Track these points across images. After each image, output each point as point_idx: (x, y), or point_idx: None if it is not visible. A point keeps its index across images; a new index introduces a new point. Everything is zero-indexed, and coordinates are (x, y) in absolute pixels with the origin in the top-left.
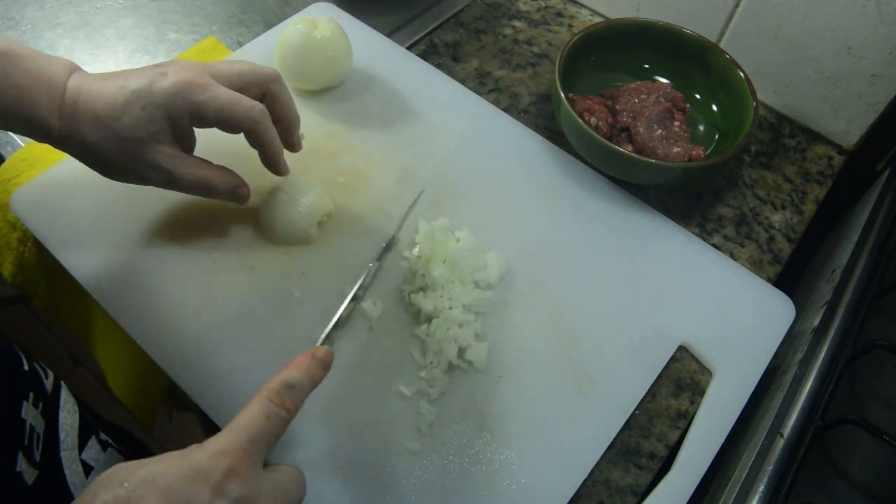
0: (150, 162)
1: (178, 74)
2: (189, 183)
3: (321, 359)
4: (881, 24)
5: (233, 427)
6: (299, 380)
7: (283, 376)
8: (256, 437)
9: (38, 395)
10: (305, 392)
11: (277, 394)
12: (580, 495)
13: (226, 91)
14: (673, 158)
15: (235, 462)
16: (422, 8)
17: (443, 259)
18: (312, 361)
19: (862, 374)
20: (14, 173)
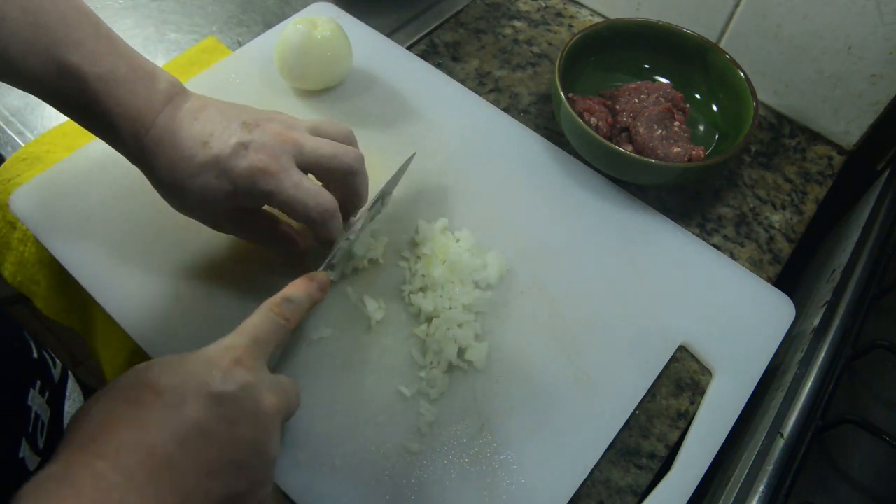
0: (213, 220)
1: (258, 155)
2: (251, 240)
3: (318, 281)
4: (881, 24)
5: (238, 330)
6: (297, 296)
7: (284, 292)
8: (259, 338)
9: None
10: (303, 308)
11: (278, 305)
12: (580, 495)
13: (294, 184)
14: (673, 158)
15: (241, 355)
16: (422, 8)
17: (443, 259)
18: (310, 283)
19: (862, 374)
20: (14, 173)
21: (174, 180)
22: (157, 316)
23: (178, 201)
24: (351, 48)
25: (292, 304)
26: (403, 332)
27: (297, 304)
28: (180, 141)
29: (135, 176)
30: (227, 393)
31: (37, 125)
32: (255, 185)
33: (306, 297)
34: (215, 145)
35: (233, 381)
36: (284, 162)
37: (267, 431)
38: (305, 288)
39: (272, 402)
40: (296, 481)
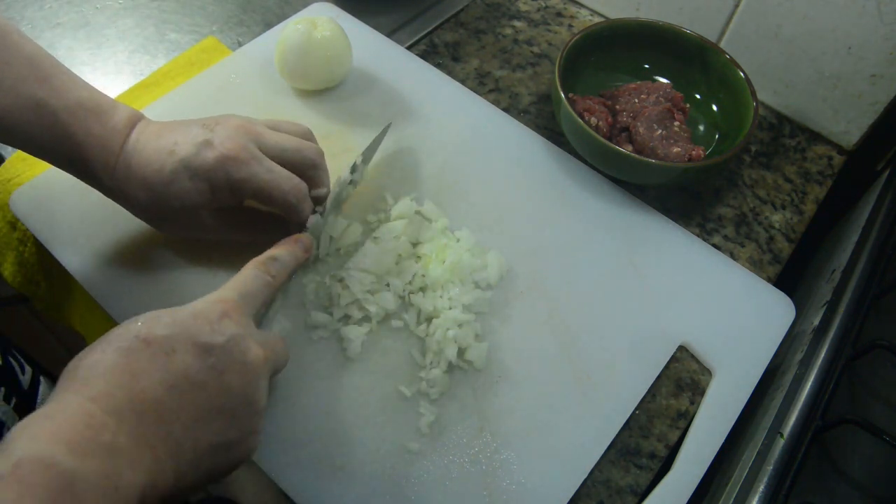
0: (195, 223)
1: (223, 145)
2: (234, 238)
3: (302, 242)
4: (881, 24)
5: (226, 286)
6: (283, 255)
7: (270, 251)
8: (245, 293)
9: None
10: (288, 267)
11: (264, 263)
12: (580, 495)
13: (266, 170)
14: (673, 158)
15: (229, 308)
16: (422, 8)
17: (442, 259)
18: (295, 244)
19: (862, 374)
20: (14, 173)
21: (151, 197)
22: None
23: (162, 218)
24: (351, 48)
25: (278, 263)
26: (403, 332)
27: (282, 263)
28: (147, 157)
29: None
30: (215, 343)
31: None
32: (229, 175)
33: (291, 257)
34: (180, 150)
35: (221, 332)
36: (251, 150)
37: (255, 381)
38: (291, 248)
39: (259, 354)
40: (296, 481)
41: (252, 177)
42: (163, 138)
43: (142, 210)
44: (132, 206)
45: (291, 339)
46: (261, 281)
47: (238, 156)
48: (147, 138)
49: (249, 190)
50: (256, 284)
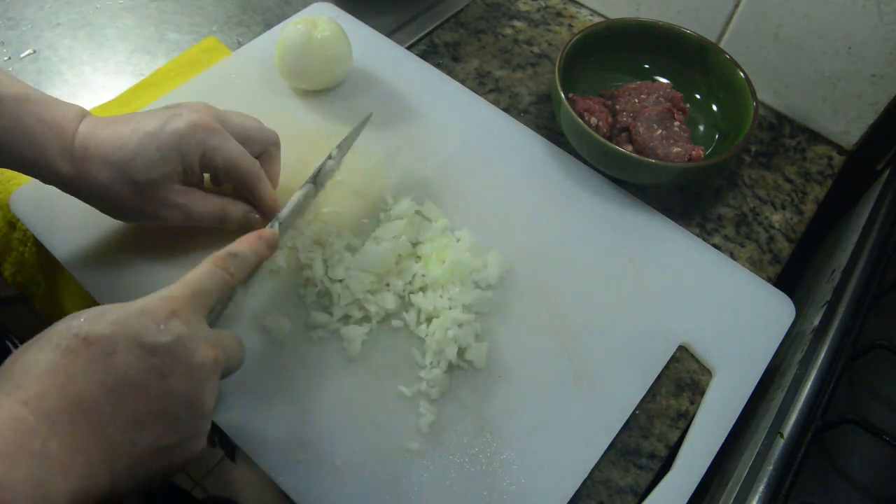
0: (164, 200)
1: (191, 115)
2: (203, 217)
3: (266, 238)
4: (881, 24)
5: (179, 281)
6: (243, 251)
7: (230, 247)
8: (199, 291)
9: None
10: (249, 264)
11: (222, 259)
12: (580, 495)
13: (235, 143)
14: (673, 158)
15: (178, 306)
16: (422, 8)
17: (442, 259)
18: (259, 239)
19: (862, 374)
20: (14, 173)
21: (114, 174)
22: None
23: (123, 201)
24: (351, 48)
25: (237, 259)
26: (403, 332)
27: (242, 260)
28: (106, 137)
29: None
30: (160, 344)
31: None
32: (203, 141)
33: (253, 253)
34: (145, 126)
35: (167, 332)
36: (218, 125)
37: (201, 385)
38: (253, 244)
39: (208, 355)
40: (296, 481)
41: (223, 146)
42: (120, 123)
43: (103, 194)
44: (93, 192)
45: (291, 339)
46: (217, 278)
47: (208, 124)
48: (103, 124)
49: (219, 159)
50: (212, 281)
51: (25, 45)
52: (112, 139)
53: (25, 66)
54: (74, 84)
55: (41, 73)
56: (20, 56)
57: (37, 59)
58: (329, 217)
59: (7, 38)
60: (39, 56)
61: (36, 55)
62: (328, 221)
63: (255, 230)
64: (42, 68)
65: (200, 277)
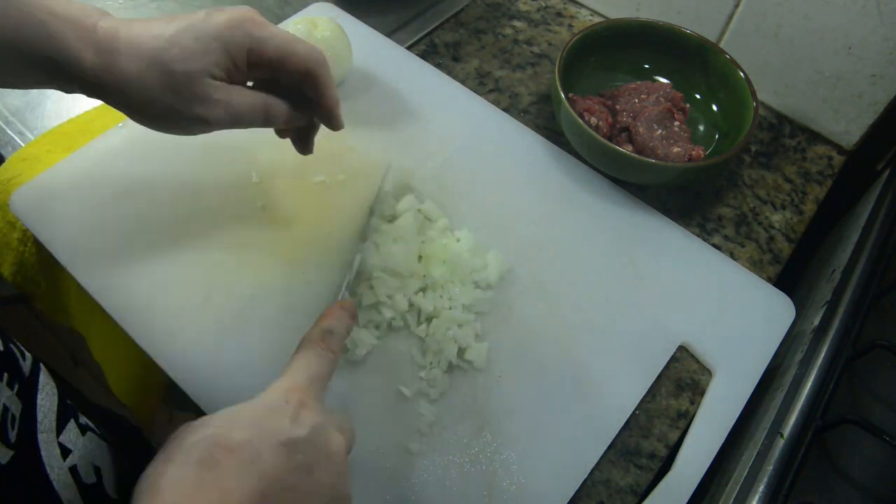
0: (202, 95)
1: (235, 11)
2: (246, 113)
3: (349, 309)
4: (881, 24)
5: (292, 371)
6: (336, 326)
7: (322, 324)
8: (315, 376)
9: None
10: (341, 338)
11: (322, 339)
12: (580, 495)
13: (285, 31)
14: (673, 158)
15: (304, 397)
16: (422, 8)
17: (443, 259)
18: (343, 311)
19: (862, 374)
20: (14, 173)
21: (147, 64)
22: (157, 316)
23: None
24: (351, 48)
25: (333, 337)
26: (404, 332)
27: (336, 336)
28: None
29: (134, 176)
30: (300, 439)
31: (37, 125)
32: (248, 33)
33: (344, 328)
34: (182, 18)
35: (303, 425)
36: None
37: (342, 472)
38: (341, 318)
39: (341, 441)
40: None
41: (274, 34)
42: (151, 21)
43: (132, 91)
44: (123, 86)
45: (293, 338)
46: (325, 360)
47: (255, 17)
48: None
49: (272, 48)
50: (322, 364)
51: None
52: (144, 30)
53: None
54: None
55: None
56: None
57: None
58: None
59: None
60: None
61: None
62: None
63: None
64: None
65: (310, 362)
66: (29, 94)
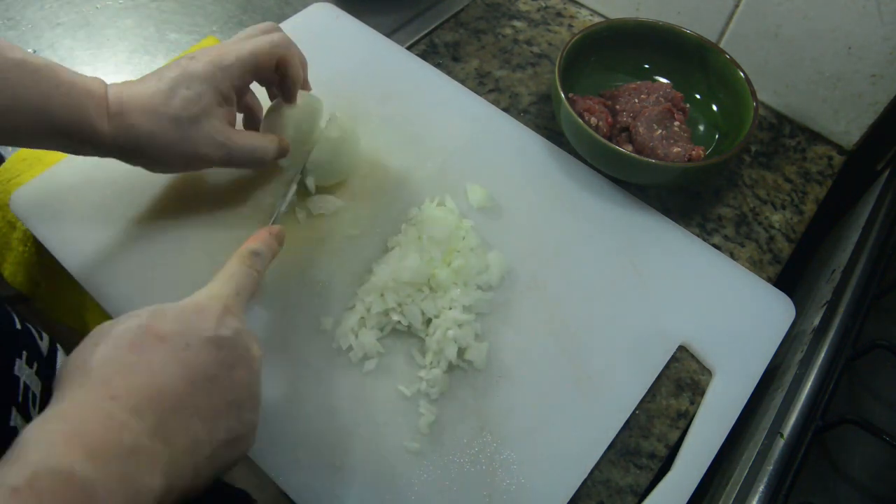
0: (206, 138)
1: (204, 55)
2: (243, 150)
3: (276, 234)
4: (881, 24)
5: (219, 280)
6: (262, 249)
7: (250, 245)
8: (240, 289)
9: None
10: (267, 259)
11: (248, 257)
12: (580, 495)
13: (248, 45)
14: (673, 158)
15: (229, 303)
16: (422, 8)
17: (448, 262)
18: (269, 235)
19: (862, 374)
20: (14, 173)
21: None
22: None
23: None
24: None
25: (259, 258)
26: (403, 333)
27: (263, 257)
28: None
29: (134, 176)
30: (224, 338)
31: None
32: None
33: (269, 251)
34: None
35: (227, 326)
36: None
37: (257, 374)
38: (267, 240)
39: (257, 348)
40: (296, 481)
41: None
42: (145, 79)
43: (147, 145)
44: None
45: (292, 340)
46: (249, 276)
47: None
48: (128, 85)
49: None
50: (247, 279)
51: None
52: (143, 90)
53: None
54: None
55: None
56: None
57: None
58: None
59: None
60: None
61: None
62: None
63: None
64: None
65: (236, 276)
66: None
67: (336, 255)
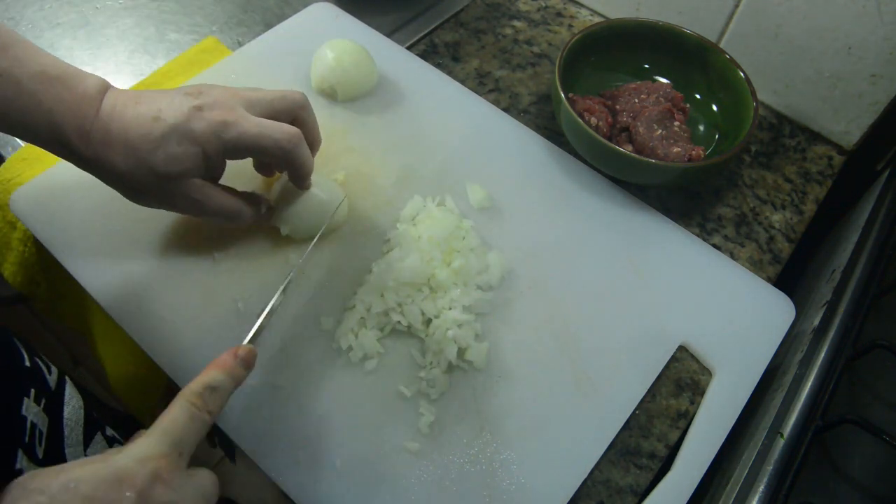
0: (181, 194)
1: (212, 112)
2: (217, 212)
3: (243, 358)
4: (881, 24)
5: (155, 430)
6: (221, 381)
7: (205, 378)
8: (180, 441)
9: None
10: (227, 393)
11: (199, 396)
12: (580, 495)
13: (256, 123)
14: (673, 158)
15: (160, 467)
16: (422, 8)
17: (448, 262)
18: (234, 361)
19: (862, 374)
20: (14, 173)
21: (135, 163)
22: (157, 316)
23: (139, 186)
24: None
25: (215, 394)
26: (403, 333)
27: (220, 392)
28: (129, 122)
29: None
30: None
31: None
32: (220, 138)
33: (230, 380)
34: (168, 116)
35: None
36: (239, 111)
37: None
38: (229, 369)
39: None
40: (296, 481)
41: (242, 134)
42: (142, 104)
43: (119, 178)
44: (109, 174)
45: (291, 340)
46: (197, 422)
47: (226, 119)
48: (124, 103)
49: (243, 147)
50: (192, 427)
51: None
52: (134, 125)
53: None
54: None
55: None
56: None
57: None
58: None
59: None
60: None
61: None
62: None
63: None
64: None
65: (178, 423)
66: None
67: (336, 255)
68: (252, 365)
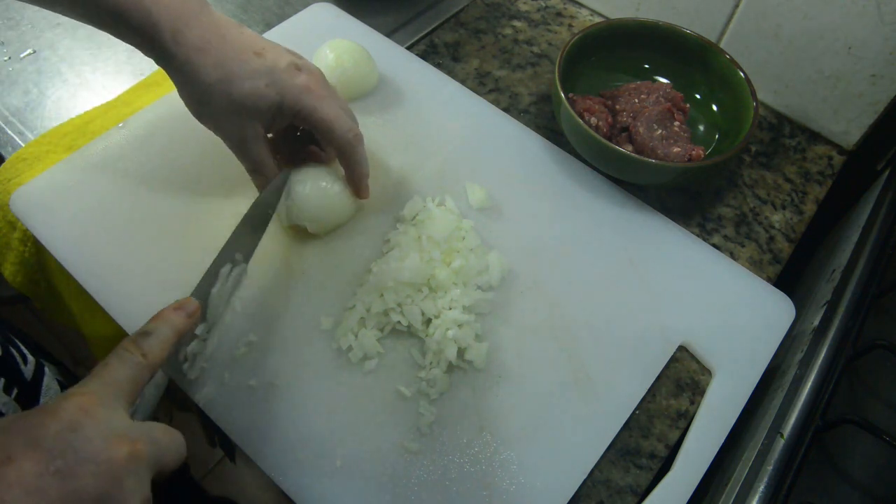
0: (239, 125)
1: (309, 77)
2: (253, 158)
3: (186, 309)
4: (881, 24)
5: (91, 373)
6: (157, 328)
7: (142, 327)
8: (109, 381)
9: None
10: (166, 341)
11: (132, 342)
12: (580, 495)
13: (338, 105)
14: (673, 158)
15: (87, 401)
16: (422, 8)
17: (448, 263)
18: (175, 312)
19: (862, 374)
20: (14, 173)
21: (222, 77)
22: None
23: (216, 104)
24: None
25: (150, 339)
26: (403, 333)
27: (156, 338)
28: (230, 43)
29: (134, 176)
30: (58, 447)
31: (37, 125)
32: (301, 100)
33: (169, 329)
34: (270, 58)
35: (72, 430)
36: (330, 90)
37: (118, 483)
38: (168, 319)
39: (122, 450)
40: (296, 481)
41: (320, 109)
42: (246, 35)
43: (197, 86)
44: (190, 79)
45: (292, 340)
46: (129, 364)
47: (317, 90)
48: (227, 24)
49: (318, 118)
50: (124, 369)
51: (25, 45)
52: (237, 49)
53: (25, 66)
54: (74, 84)
55: (41, 73)
56: (20, 56)
57: (37, 59)
58: None
59: (7, 38)
60: (39, 56)
61: (36, 55)
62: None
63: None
64: (42, 68)
65: (108, 365)
66: (29, 94)
67: (336, 255)
68: (193, 314)
